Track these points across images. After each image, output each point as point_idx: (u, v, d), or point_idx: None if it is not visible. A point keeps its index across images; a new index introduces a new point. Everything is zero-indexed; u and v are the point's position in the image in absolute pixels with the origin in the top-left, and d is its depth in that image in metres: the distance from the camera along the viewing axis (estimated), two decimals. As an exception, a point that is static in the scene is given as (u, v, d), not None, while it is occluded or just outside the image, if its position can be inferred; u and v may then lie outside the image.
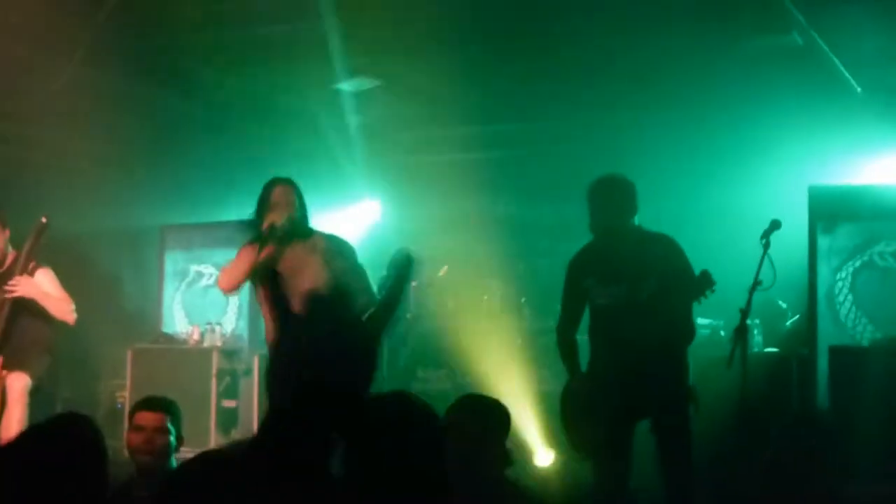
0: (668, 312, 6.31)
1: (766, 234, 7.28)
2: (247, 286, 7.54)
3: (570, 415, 6.41)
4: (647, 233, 6.73)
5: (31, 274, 7.59)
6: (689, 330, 6.55)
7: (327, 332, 5.83)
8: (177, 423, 5.26)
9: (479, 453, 4.37)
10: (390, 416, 3.16)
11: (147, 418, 5.19)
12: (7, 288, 7.46)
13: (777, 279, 7.34)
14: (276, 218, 6.78)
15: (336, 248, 7.00)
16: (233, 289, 7.24)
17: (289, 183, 6.94)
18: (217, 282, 7.43)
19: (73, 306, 7.74)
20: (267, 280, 6.72)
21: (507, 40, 10.01)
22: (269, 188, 6.91)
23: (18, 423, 7.26)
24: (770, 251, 7.35)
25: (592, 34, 9.65)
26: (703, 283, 6.25)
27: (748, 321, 7.07)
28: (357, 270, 7.06)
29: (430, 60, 10.54)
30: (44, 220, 7.43)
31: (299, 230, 6.88)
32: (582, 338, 6.83)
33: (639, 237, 6.67)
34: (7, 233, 7.68)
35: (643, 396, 6.16)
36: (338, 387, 4.00)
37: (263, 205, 6.88)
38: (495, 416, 4.70)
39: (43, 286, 7.65)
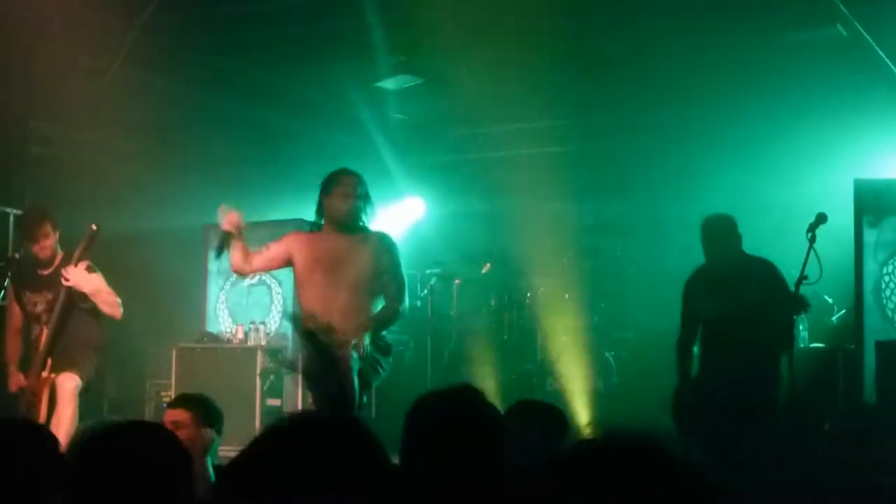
0: (767, 323, 7.18)
1: (812, 229, 7.39)
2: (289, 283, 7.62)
3: (678, 413, 7.43)
4: (749, 257, 7.56)
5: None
6: (787, 338, 7.38)
7: None
8: (203, 418, 5.31)
9: (537, 460, 4.31)
10: (457, 408, 3.15)
11: (168, 414, 5.37)
12: (63, 274, 7.51)
13: (823, 273, 7.36)
14: (339, 204, 6.97)
15: (386, 246, 7.18)
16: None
17: (356, 175, 7.10)
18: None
19: (119, 301, 7.79)
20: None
21: (549, 37, 9.97)
22: (336, 174, 7.09)
23: (69, 423, 7.32)
24: (816, 245, 7.39)
25: (635, 30, 9.61)
26: (799, 305, 7.22)
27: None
28: (398, 275, 7.18)
29: (472, 58, 10.53)
30: (94, 227, 7.48)
31: (358, 219, 7.06)
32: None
33: (742, 261, 7.51)
34: (57, 234, 7.74)
35: (738, 394, 7.08)
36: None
37: (329, 188, 7.05)
38: (553, 421, 4.66)
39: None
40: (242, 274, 7.66)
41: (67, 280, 7.50)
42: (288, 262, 7.28)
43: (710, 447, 7.06)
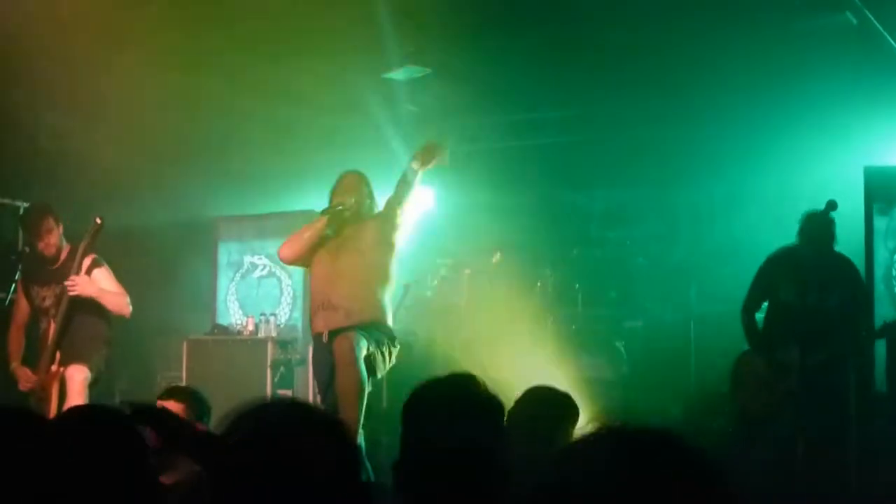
0: (843, 323, 7.54)
1: (823, 216, 7.37)
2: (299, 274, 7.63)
3: (739, 378, 7.77)
4: (837, 254, 7.76)
5: (88, 272, 7.64)
6: (851, 342, 7.79)
7: None
8: (195, 411, 5.33)
9: (547, 447, 4.32)
10: (452, 398, 3.12)
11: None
12: (67, 285, 7.51)
13: (833, 261, 7.35)
14: (344, 199, 7.34)
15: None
16: (293, 257, 7.48)
17: (358, 173, 7.58)
18: (278, 251, 7.76)
19: (128, 300, 7.80)
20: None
21: (557, 26, 9.95)
22: (341, 176, 7.54)
23: (78, 415, 7.31)
24: (826, 233, 7.37)
25: (642, 18, 9.57)
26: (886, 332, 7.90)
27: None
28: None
29: (480, 48, 10.51)
30: (98, 220, 7.47)
31: (363, 213, 7.44)
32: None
33: (831, 257, 7.73)
34: (60, 229, 7.74)
35: (805, 389, 7.42)
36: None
37: (336, 188, 7.47)
38: (564, 408, 4.65)
39: (100, 283, 7.70)
40: (293, 262, 7.75)
41: (73, 290, 7.50)
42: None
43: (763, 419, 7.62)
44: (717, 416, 8.94)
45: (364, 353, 6.89)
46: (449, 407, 3.07)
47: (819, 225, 7.71)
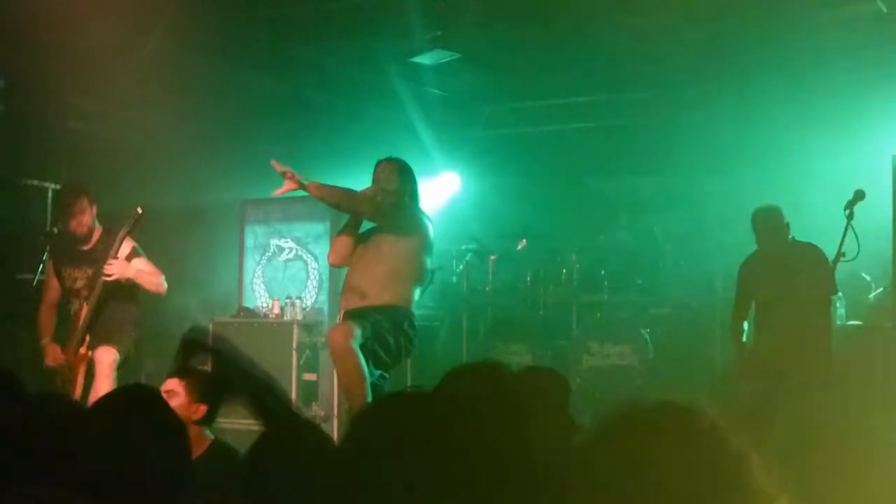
0: (814, 303, 7.82)
1: (850, 205, 7.41)
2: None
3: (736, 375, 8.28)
4: (798, 243, 8.05)
5: (128, 260, 7.65)
6: (827, 315, 8.17)
7: None
8: (195, 392, 5.33)
9: (541, 425, 4.33)
10: (480, 387, 3.17)
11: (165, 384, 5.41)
12: (104, 272, 7.52)
13: (861, 251, 7.33)
14: (370, 190, 7.38)
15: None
16: (338, 259, 7.65)
17: (389, 161, 7.56)
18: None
19: (163, 278, 7.85)
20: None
21: (584, 13, 9.93)
22: (376, 163, 7.56)
23: (106, 396, 7.35)
24: (854, 222, 7.34)
25: (670, 6, 9.55)
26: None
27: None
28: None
29: (508, 33, 10.49)
30: (139, 210, 7.48)
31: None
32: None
33: (792, 247, 8.04)
34: (94, 209, 7.76)
35: (790, 361, 7.71)
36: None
37: (372, 179, 7.52)
38: (550, 385, 4.67)
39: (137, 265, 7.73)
40: (340, 263, 7.76)
41: (110, 277, 7.52)
42: None
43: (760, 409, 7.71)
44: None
45: (360, 340, 6.87)
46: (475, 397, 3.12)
47: (766, 221, 8.05)
